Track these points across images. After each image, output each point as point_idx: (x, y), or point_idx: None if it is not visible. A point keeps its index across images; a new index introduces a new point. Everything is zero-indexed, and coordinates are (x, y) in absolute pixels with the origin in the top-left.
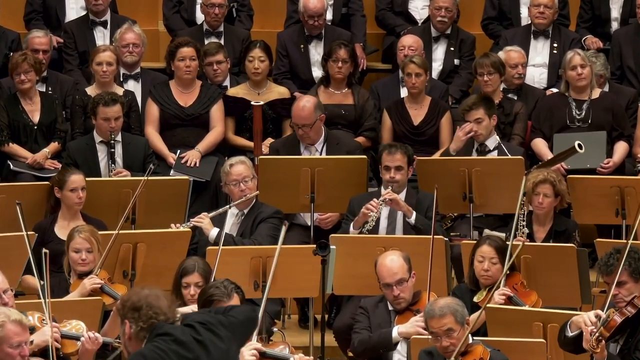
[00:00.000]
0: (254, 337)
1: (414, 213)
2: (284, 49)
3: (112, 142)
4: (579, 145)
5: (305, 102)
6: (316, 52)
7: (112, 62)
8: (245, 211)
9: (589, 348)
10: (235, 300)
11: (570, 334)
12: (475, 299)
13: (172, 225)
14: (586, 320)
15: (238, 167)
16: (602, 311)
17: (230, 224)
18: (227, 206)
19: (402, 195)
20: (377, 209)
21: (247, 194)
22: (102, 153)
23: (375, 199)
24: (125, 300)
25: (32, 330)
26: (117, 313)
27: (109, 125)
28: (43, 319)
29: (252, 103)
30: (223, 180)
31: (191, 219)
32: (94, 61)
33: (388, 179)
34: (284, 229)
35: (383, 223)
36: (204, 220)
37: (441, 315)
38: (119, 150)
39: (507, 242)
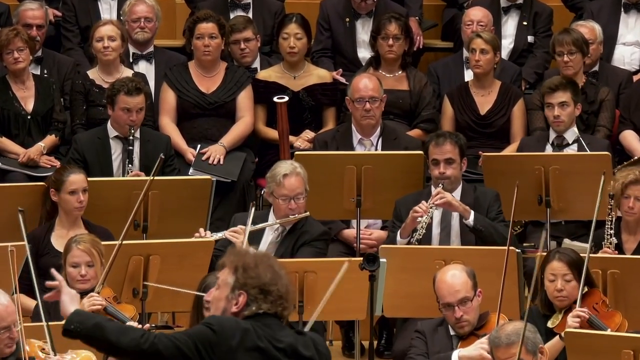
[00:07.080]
0: None
1: (472, 213)
2: (326, 22)
3: (131, 138)
4: None
5: (369, 75)
6: (363, 30)
7: (115, 36)
8: (288, 227)
9: None
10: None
11: None
12: (549, 324)
13: (201, 230)
14: None
15: (292, 180)
16: None
17: (268, 242)
18: (272, 222)
19: (456, 194)
20: (428, 212)
21: (296, 213)
22: (116, 150)
23: (424, 201)
24: None
25: None
26: None
27: (130, 117)
28: (44, 349)
29: (275, 100)
30: (270, 189)
31: (226, 231)
32: (93, 39)
33: (437, 175)
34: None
35: (435, 227)
36: (239, 237)
37: (508, 343)
38: (136, 148)
39: (584, 255)
